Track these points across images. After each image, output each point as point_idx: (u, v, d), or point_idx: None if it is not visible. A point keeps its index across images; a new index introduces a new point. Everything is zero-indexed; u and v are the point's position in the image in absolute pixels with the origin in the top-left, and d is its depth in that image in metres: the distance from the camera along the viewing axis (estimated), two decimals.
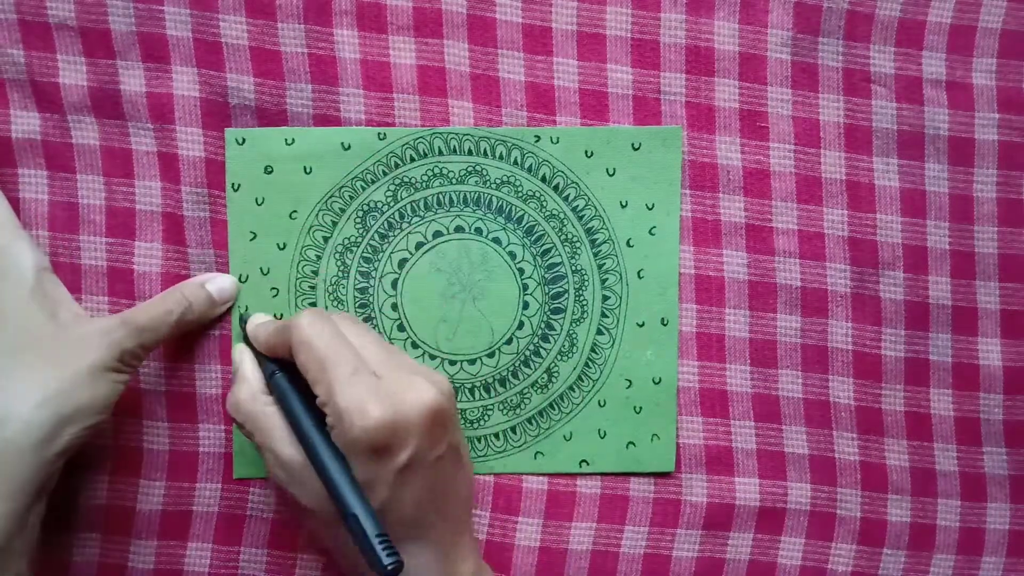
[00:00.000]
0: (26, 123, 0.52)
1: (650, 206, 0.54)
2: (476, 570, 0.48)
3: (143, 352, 0.49)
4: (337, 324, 0.47)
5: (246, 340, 0.51)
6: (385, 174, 0.53)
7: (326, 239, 0.53)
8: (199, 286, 0.52)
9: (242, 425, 0.48)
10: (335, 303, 0.53)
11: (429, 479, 0.45)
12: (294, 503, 0.47)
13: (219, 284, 0.53)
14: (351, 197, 0.53)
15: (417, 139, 0.53)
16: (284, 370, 0.48)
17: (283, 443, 0.46)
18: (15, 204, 0.52)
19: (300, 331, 0.45)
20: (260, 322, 0.51)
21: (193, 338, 0.53)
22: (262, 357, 0.49)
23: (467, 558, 0.48)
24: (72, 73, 0.51)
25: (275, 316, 0.53)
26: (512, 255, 0.54)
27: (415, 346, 0.54)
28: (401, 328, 0.54)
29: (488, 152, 0.53)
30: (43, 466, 0.45)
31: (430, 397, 0.44)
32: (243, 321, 0.53)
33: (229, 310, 0.53)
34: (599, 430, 0.55)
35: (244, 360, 0.50)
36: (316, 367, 0.44)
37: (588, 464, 0.55)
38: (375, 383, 0.44)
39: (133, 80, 0.52)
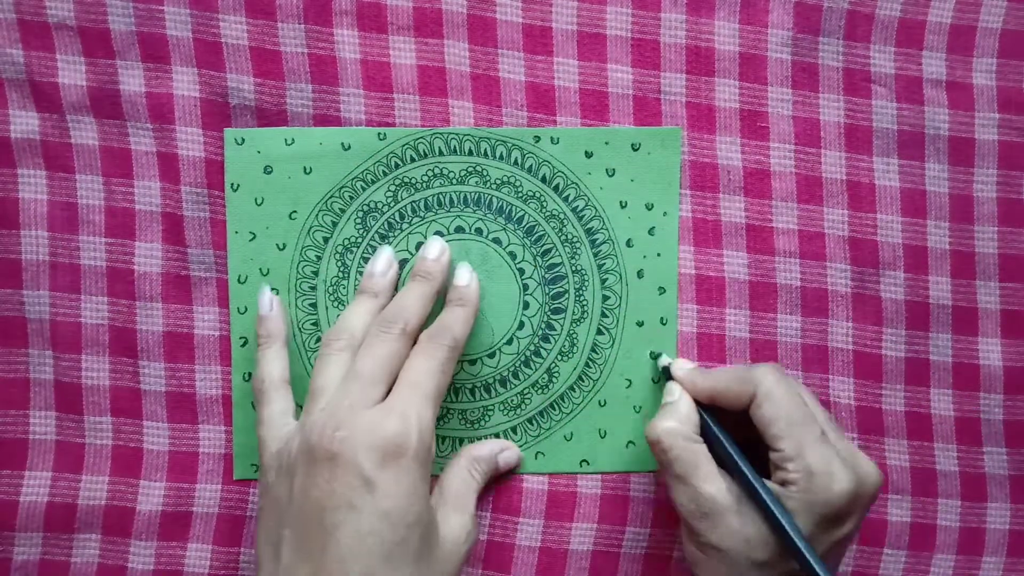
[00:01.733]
0: (25, 123, 0.51)
1: (649, 206, 0.54)
2: None
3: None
4: (792, 382, 0.49)
5: (667, 377, 0.52)
6: (385, 174, 0.53)
7: (326, 239, 0.53)
8: (492, 461, 0.53)
9: (666, 452, 0.48)
10: (335, 303, 0.53)
11: (843, 552, 0.47)
12: (699, 538, 0.47)
13: (506, 457, 0.54)
14: (351, 197, 0.53)
15: (417, 139, 0.53)
16: (717, 418, 0.50)
17: (708, 479, 0.47)
18: (14, 204, 0.52)
19: (769, 387, 0.47)
20: (692, 367, 0.52)
21: (193, 340, 0.53)
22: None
23: None
24: (71, 73, 0.51)
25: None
26: (512, 255, 0.54)
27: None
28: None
29: (488, 152, 0.53)
30: None
31: (877, 475, 0.47)
32: (654, 357, 0.54)
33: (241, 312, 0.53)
34: (599, 430, 0.55)
35: (684, 398, 0.50)
36: (784, 423, 0.46)
37: (588, 464, 0.55)
38: (837, 453, 0.46)
39: (132, 80, 0.52)
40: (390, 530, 0.43)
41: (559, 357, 0.54)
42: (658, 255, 0.54)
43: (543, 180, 0.53)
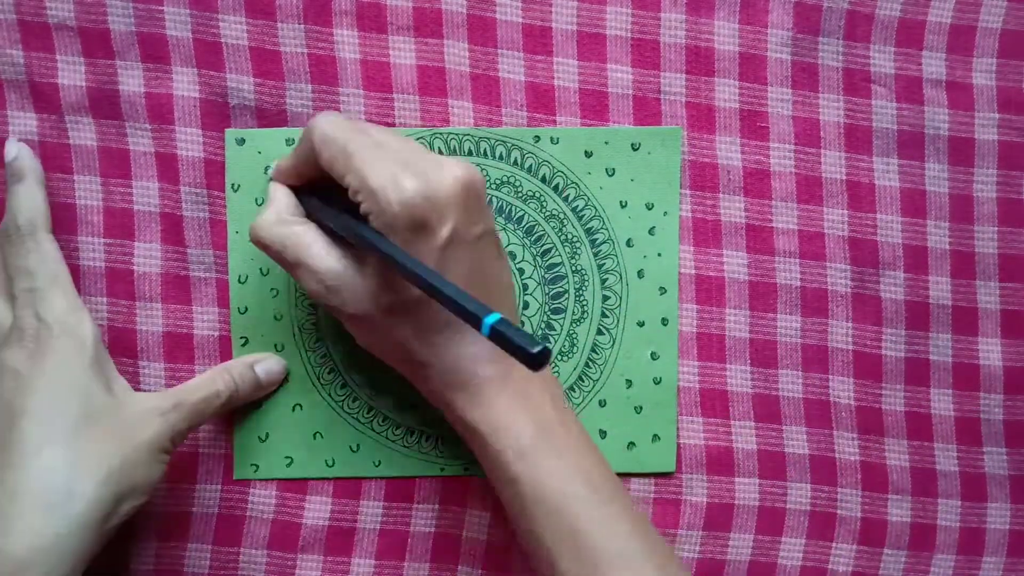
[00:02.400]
0: (23, 124, 0.51)
1: (649, 206, 0.54)
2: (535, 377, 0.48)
3: (188, 433, 0.49)
4: (355, 120, 0.47)
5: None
6: None
7: None
8: (248, 367, 0.52)
9: (269, 247, 0.46)
10: None
11: (473, 259, 0.45)
12: (341, 314, 0.46)
13: (267, 366, 0.53)
14: None
15: (417, 139, 0.53)
16: (315, 193, 0.48)
17: (321, 255, 0.45)
18: None
19: (319, 128, 0.45)
20: (276, 161, 0.50)
21: (193, 340, 0.53)
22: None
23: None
24: (71, 73, 0.51)
25: (275, 317, 0.53)
26: (512, 255, 0.53)
27: None
28: None
29: (488, 152, 0.53)
30: (100, 542, 0.45)
31: (461, 171, 0.44)
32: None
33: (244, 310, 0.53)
34: (600, 430, 0.55)
35: (278, 189, 0.49)
36: (342, 157, 0.44)
37: None
38: (403, 163, 0.43)
39: (132, 80, 0.52)
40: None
41: (559, 357, 0.54)
42: (658, 255, 0.54)
43: (543, 180, 0.53)
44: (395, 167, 0.43)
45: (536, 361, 0.37)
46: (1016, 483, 0.56)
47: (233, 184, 0.52)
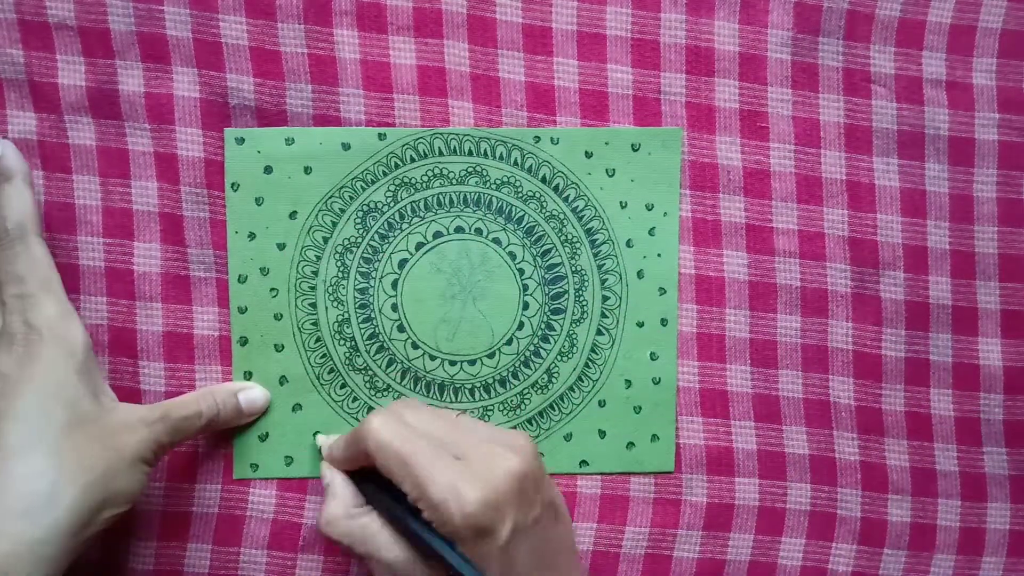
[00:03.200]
0: (22, 123, 0.51)
1: (650, 207, 0.54)
2: None
3: (169, 448, 0.49)
4: (401, 415, 0.47)
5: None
6: (385, 174, 0.53)
7: (326, 239, 0.53)
8: (231, 394, 0.52)
9: (340, 541, 0.47)
10: (335, 303, 0.53)
11: (533, 543, 0.45)
12: None
13: (250, 396, 0.53)
14: (351, 197, 0.53)
15: (417, 139, 0.53)
16: (370, 477, 0.48)
17: (387, 548, 0.46)
18: None
19: (373, 436, 0.45)
20: (330, 441, 0.51)
21: (193, 340, 0.53)
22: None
23: None
24: (71, 73, 0.51)
25: (275, 317, 0.53)
26: (512, 255, 0.54)
27: (415, 347, 0.54)
28: (401, 329, 0.54)
29: (488, 153, 0.53)
30: (77, 551, 0.44)
31: (515, 465, 0.44)
32: (316, 438, 0.54)
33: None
34: (599, 430, 0.55)
35: (335, 478, 0.49)
36: (399, 466, 0.44)
37: (588, 464, 0.55)
38: (460, 467, 0.44)
39: (132, 80, 0.52)
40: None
41: (559, 357, 0.54)
42: (658, 255, 0.54)
43: (543, 180, 0.53)
44: (453, 475, 0.43)
45: None
46: (1016, 483, 0.56)
47: (233, 184, 0.52)
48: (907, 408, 0.55)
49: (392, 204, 0.53)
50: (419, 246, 0.53)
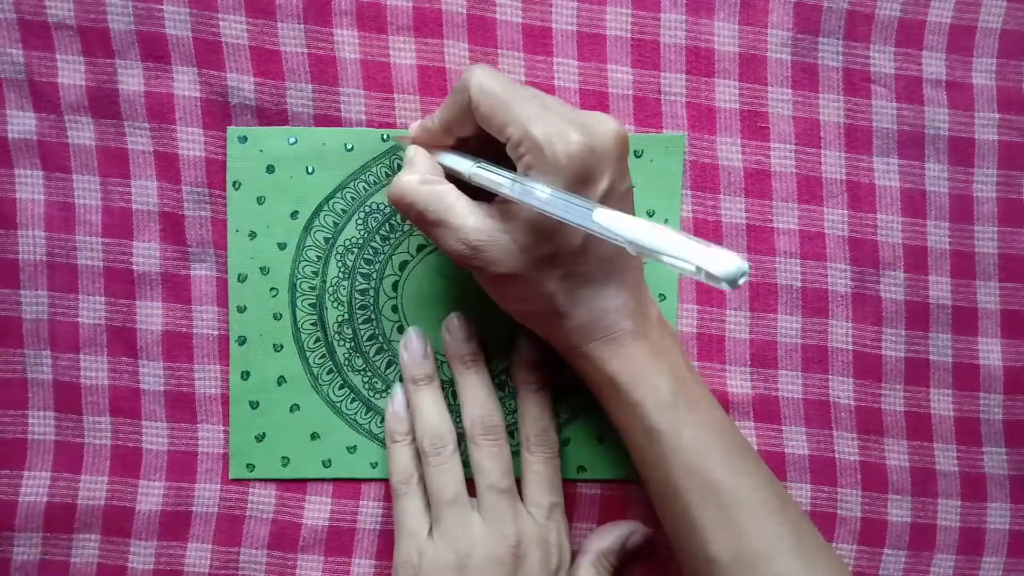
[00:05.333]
0: (22, 123, 0.51)
1: (651, 213, 0.54)
2: (659, 314, 0.49)
3: None
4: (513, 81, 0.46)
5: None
6: (388, 176, 0.53)
7: (327, 240, 0.53)
8: None
9: (412, 206, 0.46)
10: (335, 304, 0.53)
11: (625, 204, 0.45)
12: (485, 274, 0.46)
13: (635, 541, 0.54)
14: (353, 198, 0.53)
15: None
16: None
17: (465, 214, 0.45)
18: (11, 205, 0.51)
19: (477, 79, 0.44)
20: (418, 122, 0.50)
21: (192, 340, 0.53)
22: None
23: (650, 303, 0.49)
24: (71, 73, 0.51)
25: (274, 316, 0.53)
26: None
27: None
28: (401, 330, 0.54)
29: None
30: None
31: (617, 126, 0.44)
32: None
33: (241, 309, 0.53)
34: (597, 436, 0.55)
35: (417, 151, 0.48)
36: (502, 108, 0.43)
37: (586, 470, 0.55)
38: (564, 116, 0.43)
39: (132, 80, 0.51)
40: None
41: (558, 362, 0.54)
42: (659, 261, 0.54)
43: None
44: (559, 120, 0.43)
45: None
46: (1016, 483, 0.56)
47: (235, 182, 0.52)
48: (907, 408, 0.55)
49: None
50: (420, 248, 0.53)
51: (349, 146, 0.52)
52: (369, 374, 0.54)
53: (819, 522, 0.55)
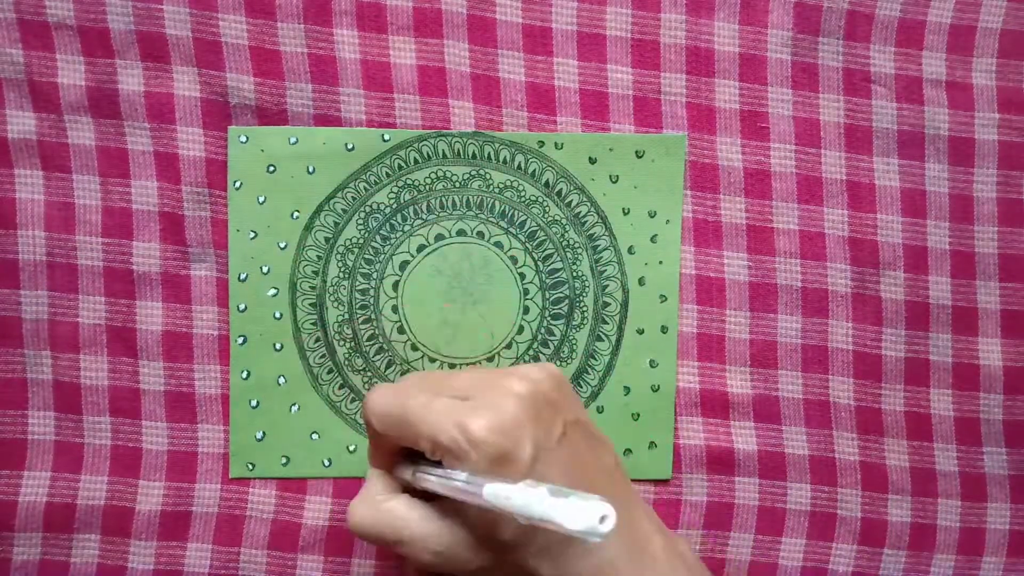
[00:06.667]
0: (22, 123, 0.51)
1: (652, 214, 0.54)
2: (664, 543, 0.45)
3: None
4: (403, 380, 0.46)
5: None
6: (388, 176, 0.53)
7: (328, 240, 0.53)
8: None
9: (368, 534, 0.44)
10: (335, 304, 0.53)
11: (563, 463, 0.43)
12: (466, 573, 0.44)
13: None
14: (354, 198, 0.53)
15: (421, 142, 0.53)
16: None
17: (422, 523, 0.43)
18: (11, 205, 0.51)
19: (370, 409, 0.44)
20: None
21: (192, 339, 0.53)
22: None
23: (653, 535, 0.45)
24: (71, 73, 0.51)
25: (274, 316, 0.53)
26: (513, 260, 0.53)
27: (415, 348, 0.54)
28: (401, 330, 0.54)
29: (492, 156, 0.53)
30: None
31: (519, 388, 0.43)
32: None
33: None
34: None
35: (371, 474, 0.47)
36: (404, 429, 0.43)
37: None
38: (463, 404, 0.42)
39: (132, 80, 0.51)
40: None
41: (557, 363, 0.54)
42: (660, 263, 0.54)
43: (546, 185, 0.53)
44: (456, 414, 0.41)
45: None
46: (1016, 483, 0.56)
47: (236, 182, 0.52)
48: (907, 408, 0.55)
49: (395, 206, 0.53)
50: (420, 248, 0.53)
51: (350, 146, 0.52)
52: (369, 374, 0.54)
53: (819, 522, 0.55)
